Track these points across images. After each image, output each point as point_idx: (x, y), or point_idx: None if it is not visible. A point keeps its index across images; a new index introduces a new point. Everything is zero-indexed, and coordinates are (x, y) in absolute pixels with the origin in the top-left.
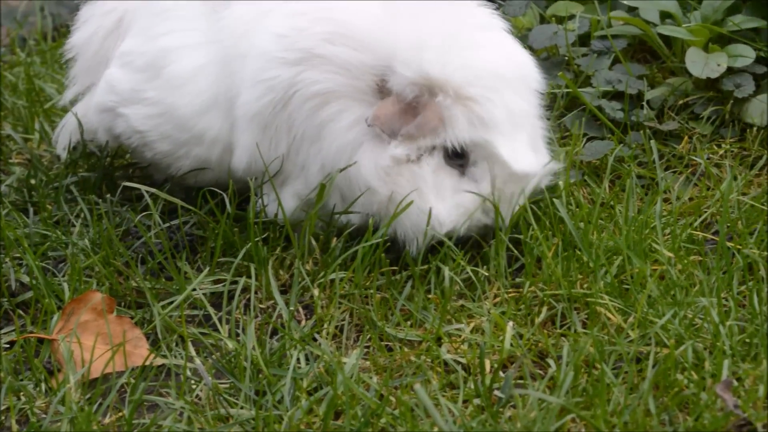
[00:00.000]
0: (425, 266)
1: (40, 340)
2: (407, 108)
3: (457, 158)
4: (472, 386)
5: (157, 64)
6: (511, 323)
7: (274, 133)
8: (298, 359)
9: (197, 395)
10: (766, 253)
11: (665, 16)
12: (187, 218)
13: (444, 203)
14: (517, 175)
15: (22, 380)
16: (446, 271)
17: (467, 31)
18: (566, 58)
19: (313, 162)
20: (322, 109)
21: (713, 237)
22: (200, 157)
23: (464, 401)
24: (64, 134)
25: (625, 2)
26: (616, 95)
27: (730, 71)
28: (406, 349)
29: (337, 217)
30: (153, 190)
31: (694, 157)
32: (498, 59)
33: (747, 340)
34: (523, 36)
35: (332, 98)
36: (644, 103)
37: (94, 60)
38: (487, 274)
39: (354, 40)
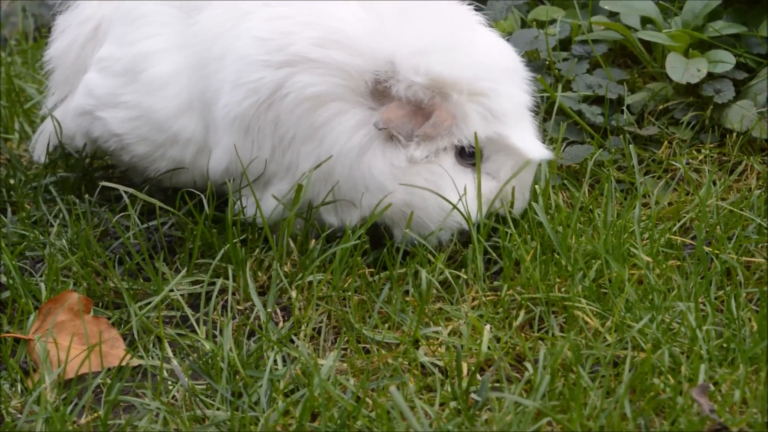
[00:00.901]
0: (403, 269)
1: (17, 340)
2: (416, 110)
3: (470, 157)
4: (449, 389)
5: (134, 69)
6: (488, 326)
7: (257, 134)
8: (275, 361)
9: (173, 396)
10: (743, 258)
11: (646, 21)
12: (166, 219)
13: (466, 196)
14: (530, 161)
15: None
16: (424, 274)
17: (460, 30)
18: (547, 62)
19: (305, 160)
20: (317, 111)
21: (691, 242)
22: (175, 158)
23: (441, 404)
24: (42, 141)
25: (606, 7)
26: (597, 100)
27: (711, 77)
28: (383, 352)
29: (323, 218)
30: (131, 190)
31: (673, 162)
32: (495, 53)
33: (724, 345)
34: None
35: (328, 100)
36: (624, 108)
37: (72, 69)
38: (465, 277)
39: (345, 44)
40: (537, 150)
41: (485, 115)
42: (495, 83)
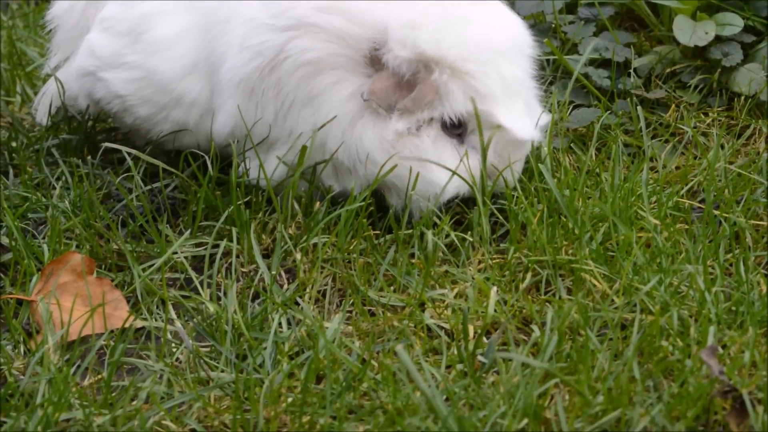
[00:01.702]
0: (409, 231)
1: (19, 302)
2: (401, 82)
3: (455, 128)
4: (456, 351)
5: (138, 29)
6: (495, 289)
7: (261, 97)
8: (279, 323)
9: (177, 358)
10: (752, 221)
11: None
12: (169, 181)
13: (443, 171)
14: (515, 141)
15: (0, 341)
16: (430, 236)
17: (459, 5)
18: (553, 25)
19: (303, 126)
20: (315, 78)
21: (700, 205)
22: (179, 121)
23: (447, 366)
24: (44, 102)
25: None
26: (603, 63)
27: (718, 40)
28: (389, 314)
29: (325, 183)
30: (135, 152)
31: (681, 126)
32: (491, 32)
33: (733, 308)
34: (510, 3)
35: (326, 67)
36: (631, 71)
37: (75, 29)
38: (471, 239)
39: (347, 11)
40: (522, 129)
41: (469, 93)
42: (482, 64)
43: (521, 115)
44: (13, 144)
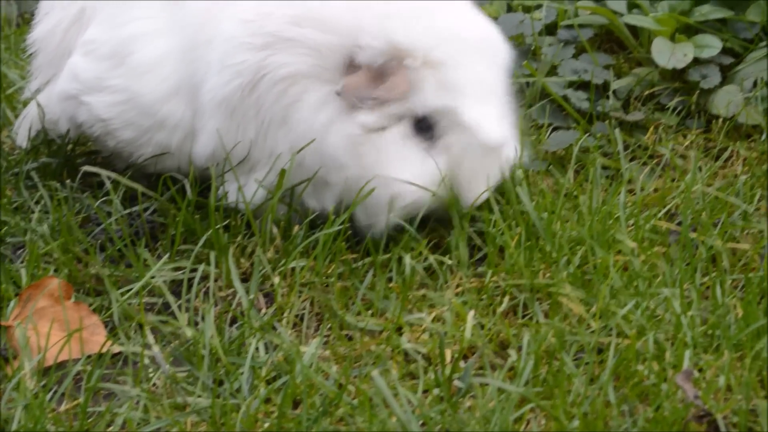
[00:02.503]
0: (387, 255)
1: None
2: (376, 76)
3: (427, 130)
4: (432, 376)
5: (121, 52)
6: (472, 313)
7: (241, 118)
8: (257, 348)
9: (154, 383)
10: (729, 244)
11: (632, 5)
12: (148, 205)
13: (406, 173)
14: (484, 144)
15: None
16: (407, 260)
17: (433, 2)
18: (532, 47)
19: (282, 145)
20: (290, 90)
21: (677, 228)
22: (162, 144)
23: (424, 391)
24: (25, 125)
25: None
26: (582, 85)
27: (697, 62)
28: (366, 339)
29: (305, 203)
30: (114, 175)
31: (659, 148)
32: (465, 26)
33: (709, 332)
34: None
35: (301, 79)
36: (610, 94)
37: (56, 52)
38: (449, 263)
39: (320, 22)
40: (492, 132)
41: (441, 83)
42: (454, 54)
43: (492, 118)
44: None
